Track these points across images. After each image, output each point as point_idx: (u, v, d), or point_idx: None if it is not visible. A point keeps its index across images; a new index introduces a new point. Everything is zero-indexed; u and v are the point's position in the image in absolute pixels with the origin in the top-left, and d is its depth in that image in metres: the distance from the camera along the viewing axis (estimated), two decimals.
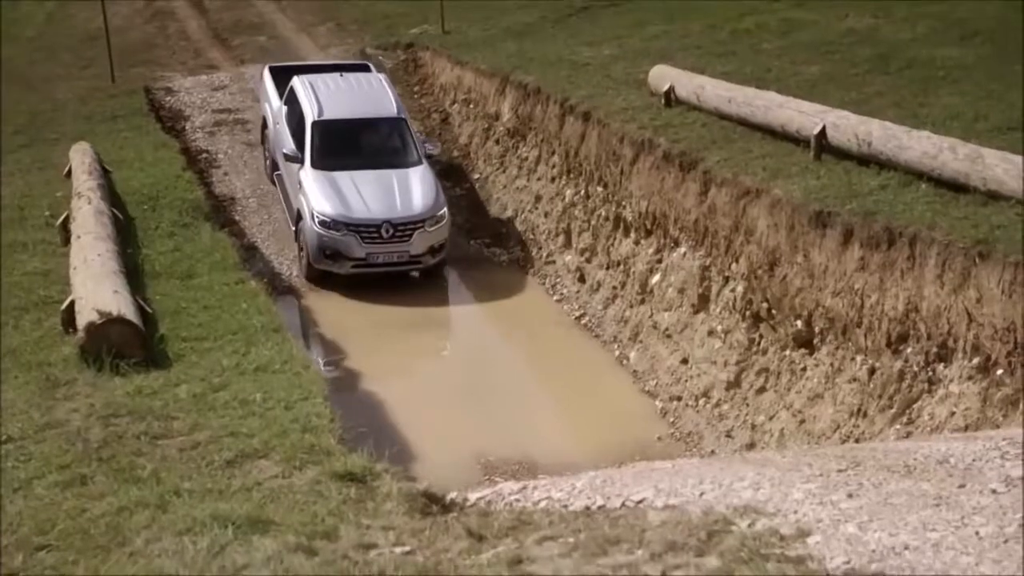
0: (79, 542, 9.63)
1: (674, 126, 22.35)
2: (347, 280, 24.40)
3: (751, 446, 17.60)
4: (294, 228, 25.18)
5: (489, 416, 19.56)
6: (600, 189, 24.06)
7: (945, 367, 14.74)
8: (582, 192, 24.89)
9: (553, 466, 16.47)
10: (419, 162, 25.57)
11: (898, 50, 24.89)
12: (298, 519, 9.65)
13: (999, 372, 13.87)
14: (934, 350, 14.90)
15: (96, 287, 16.37)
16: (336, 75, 27.90)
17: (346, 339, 22.15)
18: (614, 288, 23.10)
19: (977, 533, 7.32)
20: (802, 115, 19.74)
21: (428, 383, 20.64)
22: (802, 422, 16.93)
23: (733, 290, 19.21)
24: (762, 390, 18.17)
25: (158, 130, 29.72)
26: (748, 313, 18.74)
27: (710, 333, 19.66)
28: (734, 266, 19.21)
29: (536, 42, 32.10)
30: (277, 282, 24.69)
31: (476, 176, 29.65)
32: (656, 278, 21.65)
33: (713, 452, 17.84)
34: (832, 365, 16.70)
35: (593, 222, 24.31)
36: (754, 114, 21.10)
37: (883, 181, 17.39)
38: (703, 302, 20.12)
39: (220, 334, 16.59)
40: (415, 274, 24.92)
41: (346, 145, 25.63)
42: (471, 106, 31.33)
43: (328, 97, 26.33)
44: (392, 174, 25.09)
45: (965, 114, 19.62)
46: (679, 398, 19.80)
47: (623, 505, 8.96)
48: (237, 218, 27.24)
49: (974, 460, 9.03)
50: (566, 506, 9.25)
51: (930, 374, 14.92)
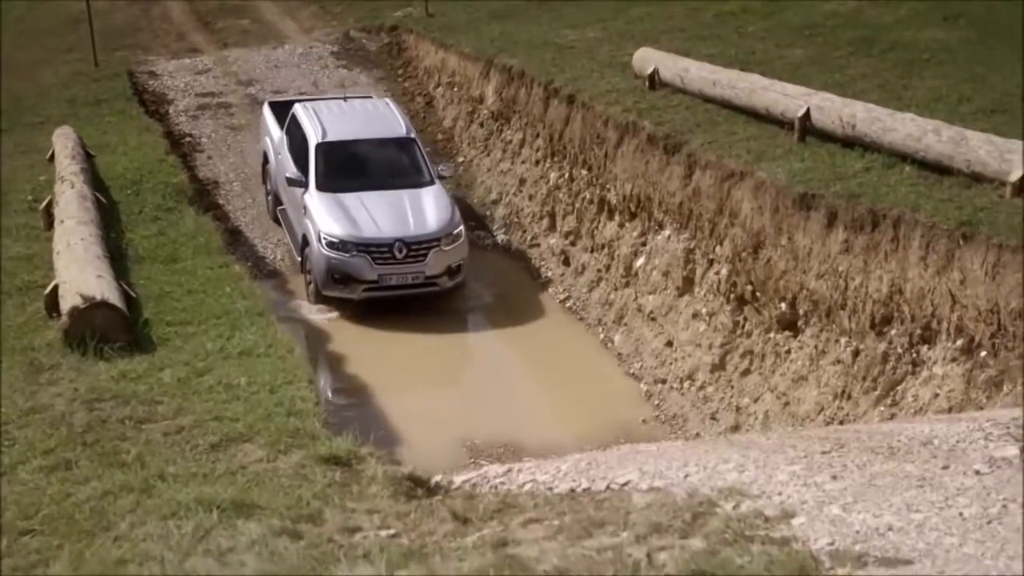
0: (63, 527, 9.61)
1: (658, 109, 22.34)
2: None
3: (736, 428, 17.62)
4: (299, 257, 23.63)
5: (474, 399, 19.57)
6: (584, 172, 24.04)
7: (929, 349, 14.77)
8: (566, 175, 24.87)
9: (538, 449, 16.48)
10: (431, 182, 24.07)
11: (882, 32, 24.91)
12: (283, 502, 9.65)
13: (983, 354, 13.90)
14: (918, 332, 14.93)
15: (80, 271, 16.32)
16: (340, 100, 26.87)
17: (327, 324, 22.13)
18: (599, 271, 23.11)
19: (961, 514, 7.34)
20: (786, 97, 19.74)
21: (412, 367, 20.62)
22: (786, 404, 16.95)
23: (718, 273, 19.22)
24: (747, 372, 18.19)
25: (141, 114, 29.62)
26: (732, 296, 18.76)
27: (695, 316, 19.67)
28: (718, 249, 19.22)
29: (520, 25, 32.06)
30: (261, 266, 24.68)
31: (460, 159, 29.63)
32: (641, 261, 21.66)
33: (698, 434, 17.86)
34: (816, 347, 16.73)
35: (577, 205, 24.30)
36: (738, 96, 21.09)
37: (867, 163, 17.40)
38: (688, 285, 20.13)
39: (204, 318, 16.56)
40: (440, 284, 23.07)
41: (353, 167, 24.17)
42: (455, 89, 31.29)
43: (332, 120, 25.00)
44: (403, 194, 23.55)
45: (949, 96, 19.64)
46: (664, 381, 19.81)
47: (608, 487, 8.96)
48: (221, 202, 27.19)
49: (958, 441, 9.05)
50: (551, 489, 9.26)
51: (914, 356, 14.94)
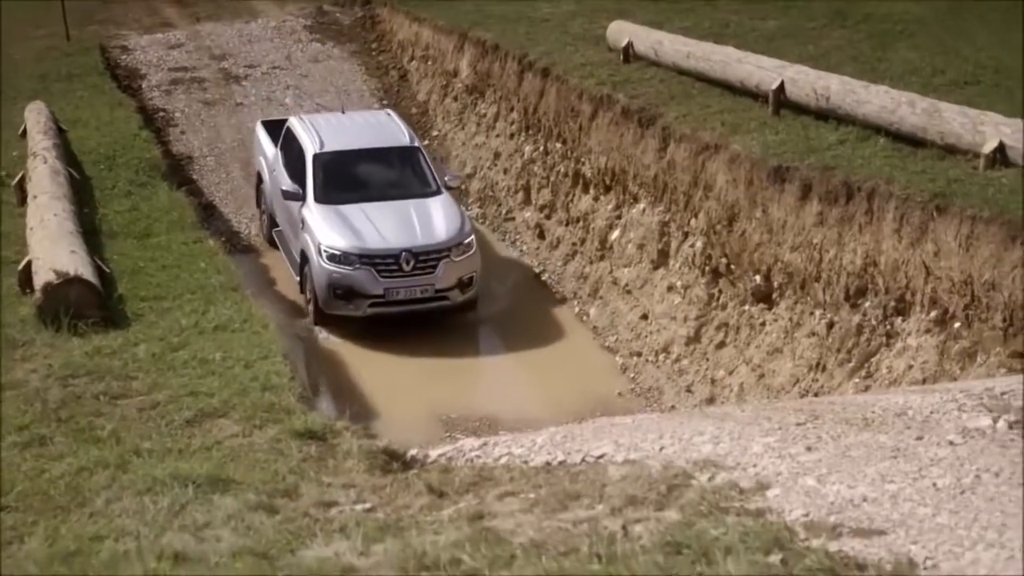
0: (39, 503, 9.59)
1: (633, 82, 22.32)
2: None
3: (711, 401, 17.66)
4: (298, 277, 21.87)
5: (449, 373, 19.56)
6: (559, 145, 24.02)
7: (903, 321, 14.81)
8: (541, 148, 24.84)
9: (514, 422, 16.50)
10: (438, 192, 22.24)
11: (855, 4, 24.92)
12: (259, 477, 9.65)
13: (956, 325, 13.95)
14: (892, 304, 14.97)
15: (53, 247, 16.27)
16: (337, 113, 25.39)
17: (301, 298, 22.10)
18: (573, 244, 23.10)
19: (934, 484, 7.37)
20: (760, 70, 19.74)
21: (387, 342, 20.60)
22: (761, 376, 16.99)
23: (692, 245, 19.23)
24: (721, 345, 18.23)
25: (114, 89, 29.46)
26: (707, 268, 18.78)
27: (669, 289, 19.70)
28: (693, 221, 19.23)
29: None
30: (235, 240, 24.61)
31: (435, 133, 29.57)
32: (615, 234, 21.66)
33: (673, 407, 17.90)
34: (791, 320, 16.76)
35: (552, 178, 24.28)
36: (712, 69, 21.09)
37: (841, 135, 17.42)
38: (662, 258, 20.15)
39: (178, 293, 16.54)
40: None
41: (353, 178, 22.45)
42: (429, 63, 31.21)
43: (330, 131, 23.20)
44: (409, 204, 21.83)
45: (923, 68, 19.67)
46: (639, 354, 19.84)
47: (583, 460, 8.98)
48: (195, 177, 27.10)
49: (931, 412, 9.08)
50: (527, 462, 9.27)
51: (888, 328, 14.98)
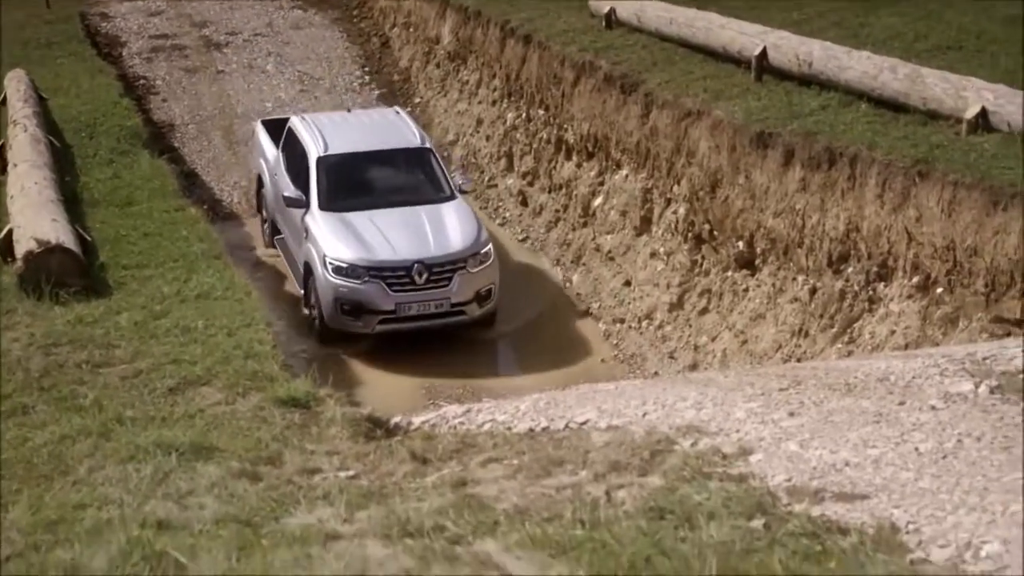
0: (22, 471, 9.58)
1: (615, 48, 22.27)
2: None
3: (694, 367, 17.69)
4: (302, 290, 20.21)
5: (433, 341, 19.56)
6: (542, 112, 23.98)
7: (885, 286, 14.83)
8: (523, 115, 24.80)
9: (497, 389, 16.51)
10: (451, 197, 20.55)
11: None
12: (242, 445, 9.65)
13: (938, 291, 13.97)
14: (874, 269, 14.99)
15: (34, 215, 16.22)
16: (343, 112, 24.15)
17: (283, 264, 22.02)
18: (556, 211, 23.09)
19: (917, 449, 7.38)
20: (743, 36, 19.71)
21: None
22: (744, 342, 17.02)
23: (675, 212, 19.23)
24: (704, 311, 18.25)
25: (94, 56, 29.35)
26: (690, 235, 18.78)
27: (652, 255, 19.70)
28: (676, 188, 19.22)
29: None
30: (217, 208, 24.55)
31: (417, 100, 29.51)
32: (598, 201, 21.65)
33: (656, 373, 17.92)
34: (774, 285, 16.78)
35: (535, 145, 24.24)
36: (695, 35, 21.05)
37: (824, 101, 17.42)
38: (645, 224, 20.15)
39: (160, 261, 16.51)
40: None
41: (361, 183, 20.86)
42: (411, 30, 31.12)
43: (335, 132, 21.65)
44: (420, 210, 20.16)
45: (905, 34, 19.65)
46: (622, 320, 19.85)
47: (567, 427, 8.99)
48: (176, 145, 27.02)
49: (914, 377, 9.09)
50: (510, 428, 9.28)
51: (871, 293, 15.01)
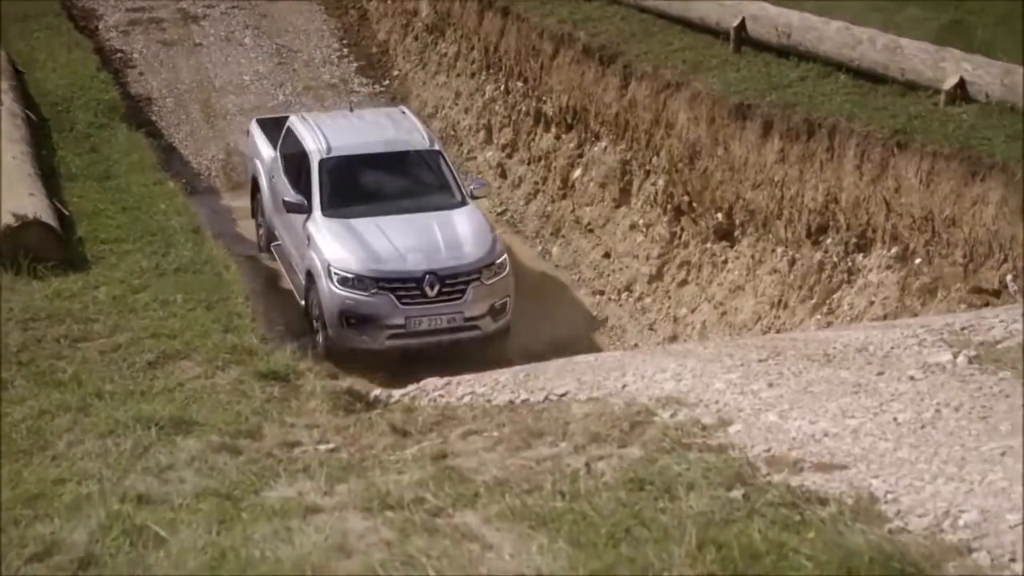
0: (1, 447, 9.55)
1: (593, 20, 22.21)
2: None
3: (673, 338, 17.71)
4: (303, 301, 18.72)
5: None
6: (520, 84, 23.93)
7: (864, 257, 14.86)
8: (502, 87, 24.74)
9: (477, 362, 16.49)
10: (463, 203, 18.99)
11: None
12: (221, 419, 9.63)
13: (917, 261, 14.01)
14: (853, 240, 15.02)
15: (11, 190, 16.13)
16: (345, 111, 22.42)
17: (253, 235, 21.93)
18: (536, 183, 23.05)
19: (895, 419, 7.41)
20: (721, 7, 19.67)
21: None
22: (724, 314, 17.04)
23: (654, 184, 19.22)
24: (684, 283, 18.26)
25: (71, 30, 29.14)
26: (669, 206, 18.78)
27: (632, 227, 19.70)
28: (655, 160, 19.21)
29: None
30: (196, 182, 24.46)
31: (395, 73, 29.42)
32: (577, 173, 21.62)
33: (636, 345, 17.93)
34: (753, 257, 16.80)
35: (514, 117, 24.19)
36: (673, 7, 21.00)
37: (802, 72, 17.41)
38: (624, 196, 20.13)
39: (139, 235, 16.44)
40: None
41: (366, 187, 19.31)
42: (389, 2, 31.00)
43: (337, 132, 20.16)
44: (431, 218, 18.59)
45: (884, 5, 19.63)
46: (602, 292, 19.86)
47: (546, 399, 9.00)
48: (154, 118, 26.85)
49: (892, 348, 9.12)
50: (490, 400, 9.29)
51: (849, 264, 15.04)
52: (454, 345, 17.62)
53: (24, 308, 13.37)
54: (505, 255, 18.44)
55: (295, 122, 20.75)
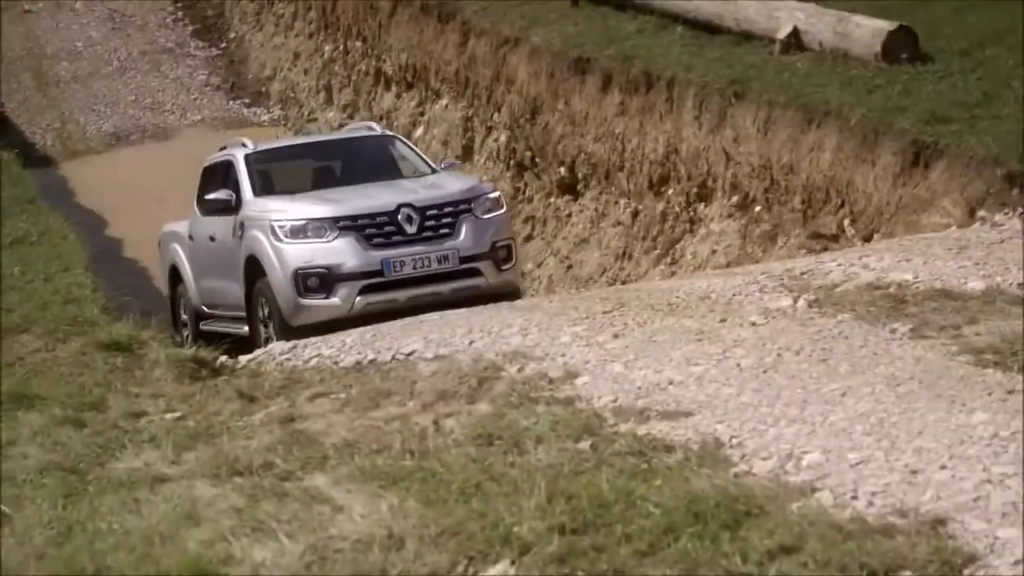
0: None
1: None
2: None
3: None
4: (244, 328, 14.31)
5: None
6: (359, 44, 23.80)
7: (706, 207, 15.04)
8: (341, 47, 24.60)
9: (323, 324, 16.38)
10: (431, 173, 14.97)
11: None
12: (64, 392, 9.46)
13: (757, 209, 14.20)
14: (694, 191, 15.18)
15: None
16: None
17: (104, 208, 21.63)
18: None
19: (738, 365, 7.51)
20: None
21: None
22: (569, 267, 17.15)
23: (496, 140, 19.26)
24: (529, 238, 18.33)
25: None
26: (512, 162, 18.82)
27: None
28: (496, 116, 19.24)
29: None
30: (30, 152, 23.97)
31: (232, 35, 29.06)
32: (420, 131, 21.58)
33: None
34: (596, 210, 16.91)
35: (354, 77, 24.07)
36: None
37: (640, 25, 17.52)
38: (467, 153, 20.14)
39: None
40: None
41: (306, 172, 15.65)
42: None
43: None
44: (397, 181, 14.74)
45: None
46: None
47: (394, 358, 8.98)
48: None
49: (734, 295, 9.24)
50: (337, 363, 9.25)
51: (691, 214, 15.20)
52: (454, 304, 12.63)
53: None
54: (499, 193, 14.75)
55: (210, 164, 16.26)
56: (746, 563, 5.01)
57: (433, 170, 15.02)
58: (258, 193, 14.41)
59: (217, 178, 15.36)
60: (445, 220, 13.57)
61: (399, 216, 13.37)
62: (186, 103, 27.05)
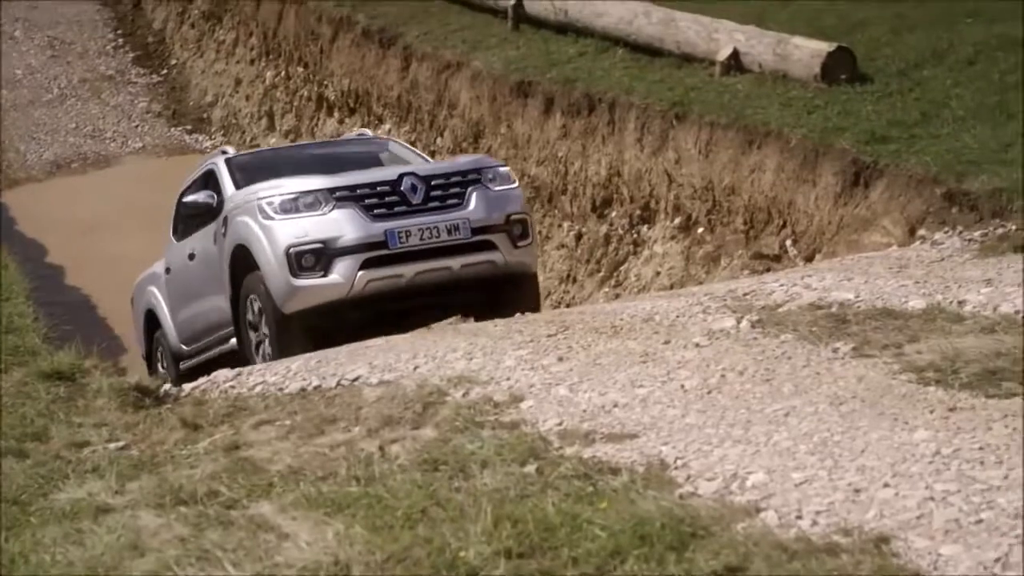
0: None
1: (372, 1, 22.19)
2: None
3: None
4: (236, 339, 13.14)
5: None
6: (301, 69, 23.78)
7: (649, 228, 15.10)
8: (283, 73, 24.57)
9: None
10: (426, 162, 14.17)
11: None
12: (6, 422, 9.37)
13: (700, 230, 14.27)
14: (638, 212, 15.24)
15: None
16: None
17: (45, 236, 21.49)
18: None
19: (682, 386, 7.53)
20: None
21: (130, 273, 20.11)
22: None
23: None
24: None
25: None
26: None
27: None
28: (439, 140, 19.25)
29: None
30: None
31: (173, 62, 28.96)
32: None
33: (428, 326, 17.91)
34: (540, 233, 16.92)
35: (296, 103, 24.04)
36: None
37: (581, 48, 17.60)
38: None
39: None
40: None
41: (292, 167, 13.71)
42: None
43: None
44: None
45: None
46: None
47: (339, 384, 8.95)
48: None
49: (678, 316, 9.27)
50: (282, 389, 9.20)
51: (635, 236, 15.26)
52: (466, 287, 12.50)
53: None
54: (509, 168, 13.47)
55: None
56: None
57: (425, 160, 14.15)
58: (240, 186, 13.24)
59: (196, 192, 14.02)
60: (453, 190, 12.35)
61: (402, 185, 12.17)
62: (127, 130, 26.93)
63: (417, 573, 5.51)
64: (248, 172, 13.56)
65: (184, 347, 14.68)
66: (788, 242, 13.21)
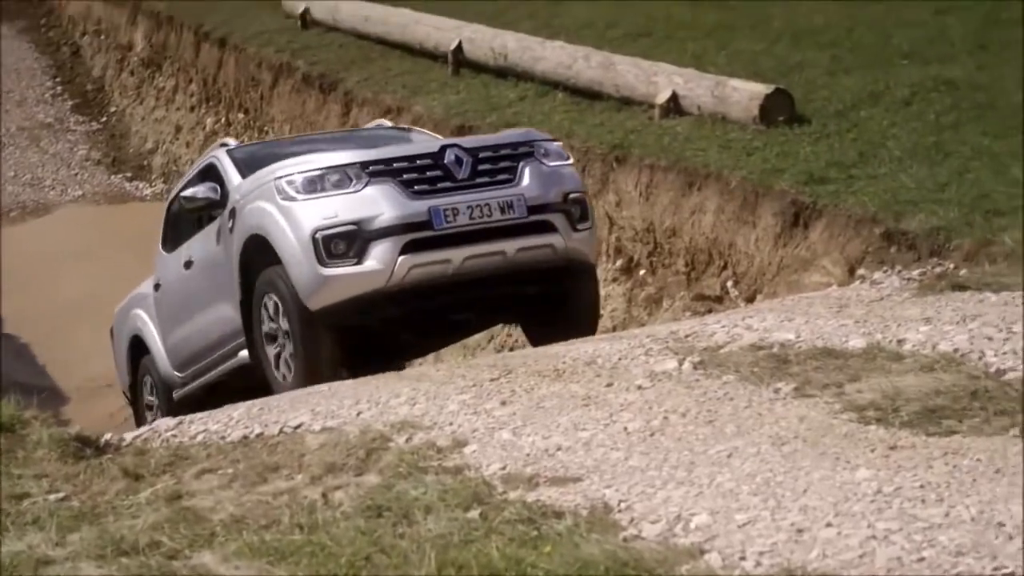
0: None
1: (312, 48, 22.22)
2: None
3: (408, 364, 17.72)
4: (247, 334, 11.63)
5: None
6: (241, 116, 23.76)
7: None
8: (223, 120, 24.54)
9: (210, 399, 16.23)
10: None
11: None
12: None
13: (641, 272, 14.32)
14: None
15: None
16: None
17: None
18: None
19: (625, 429, 7.53)
20: (438, 31, 19.87)
21: (70, 314, 19.96)
22: None
23: None
24: None
25: None
26: None
27: None
28: None
29: None
30: None
31: (112, 109, 28.87)
32: None
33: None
34: None
35: None
36: (391, 32, 21.13)
37: (521, 92, 17.68)
38: None
39: None
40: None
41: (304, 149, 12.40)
42: (102, 37, 30.49)
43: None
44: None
45: (597, 22, 20.06)
46: None
47: (281, 431, 8.91)
48: None
49: (620, 359, 9.28)
50: (224, 437, 9.15)
51: None
52: (520, 277, 10.99)
53: None
54: (560, 143, 11.85)
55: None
56: None
57: None
58: (245, 175, 11.72)
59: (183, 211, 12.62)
60: (503, 163, 10.87)
61: (445, 158, 10.66)
62: (67, 178, 26.82)
63: None
64: (254, 163, 11.94)
65: (177, 374, 13.32)
66: (729, 283, 13.28)
